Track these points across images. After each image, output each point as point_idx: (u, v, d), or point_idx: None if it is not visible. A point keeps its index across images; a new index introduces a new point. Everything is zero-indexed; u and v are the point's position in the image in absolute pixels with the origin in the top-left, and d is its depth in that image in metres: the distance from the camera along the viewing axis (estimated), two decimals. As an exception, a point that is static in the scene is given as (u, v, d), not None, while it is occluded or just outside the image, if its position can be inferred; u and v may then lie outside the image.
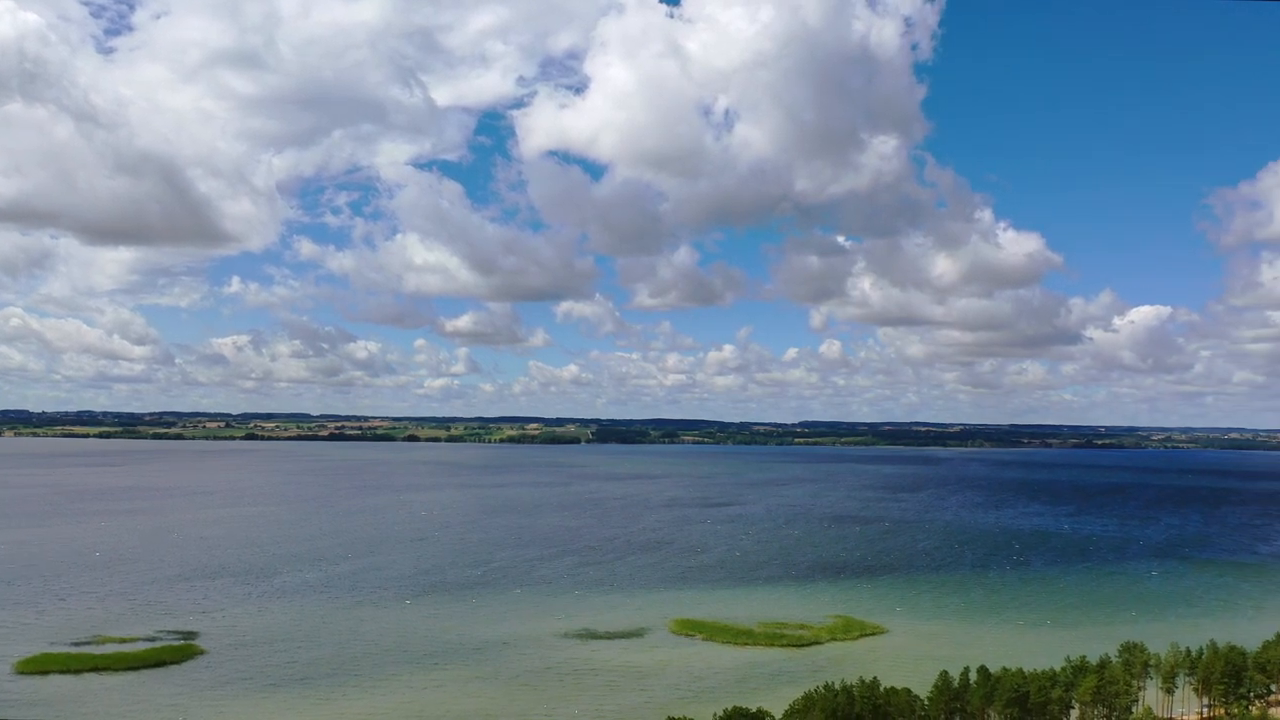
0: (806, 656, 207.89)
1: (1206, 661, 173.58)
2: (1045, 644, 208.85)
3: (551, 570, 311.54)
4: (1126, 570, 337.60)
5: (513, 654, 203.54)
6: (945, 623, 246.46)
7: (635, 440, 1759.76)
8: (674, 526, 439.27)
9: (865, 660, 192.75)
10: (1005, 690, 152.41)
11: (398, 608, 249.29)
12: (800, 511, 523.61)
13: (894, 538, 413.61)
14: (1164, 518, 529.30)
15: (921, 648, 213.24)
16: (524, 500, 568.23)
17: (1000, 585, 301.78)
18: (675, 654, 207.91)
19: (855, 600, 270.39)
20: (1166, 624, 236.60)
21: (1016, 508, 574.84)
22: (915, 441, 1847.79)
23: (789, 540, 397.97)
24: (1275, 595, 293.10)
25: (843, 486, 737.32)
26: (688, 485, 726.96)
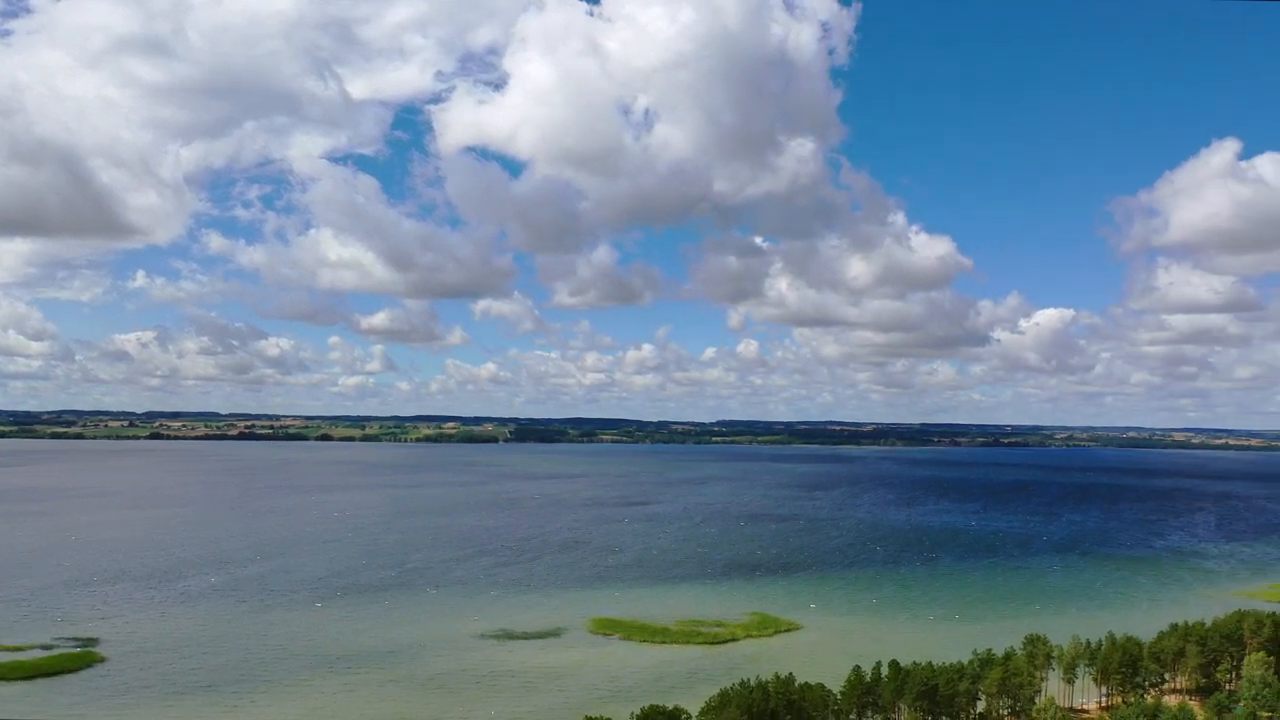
0: (723, 654, 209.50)
1: (1105, 652, 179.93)
2: (954, 637, 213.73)
3: (467, 571, 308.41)
4: (1031, 565, 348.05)
5: (428, 656, 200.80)
6: (858, 618, 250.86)
7: (553, 439, 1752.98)
8: (591, 526, 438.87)
9: (780, 657, 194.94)
10: (915, 683, 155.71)
11: (308, 611, 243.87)
12: (717, 510, 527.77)
13: (809, 535, 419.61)
14: (1066, 514, 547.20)
15: (835, 643, 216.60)
16: (440, 500, 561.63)
17: (911, 581, 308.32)
18: (592, 653, 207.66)
19: (771, 597, 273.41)
20: (1068, 617, 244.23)
21: (927, 505, 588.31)
22: (830, 440, 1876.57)
23: (706, 539, 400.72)
24: (1169, 588, 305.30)
25: (759, 485, 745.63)
26: (605, 484, 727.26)
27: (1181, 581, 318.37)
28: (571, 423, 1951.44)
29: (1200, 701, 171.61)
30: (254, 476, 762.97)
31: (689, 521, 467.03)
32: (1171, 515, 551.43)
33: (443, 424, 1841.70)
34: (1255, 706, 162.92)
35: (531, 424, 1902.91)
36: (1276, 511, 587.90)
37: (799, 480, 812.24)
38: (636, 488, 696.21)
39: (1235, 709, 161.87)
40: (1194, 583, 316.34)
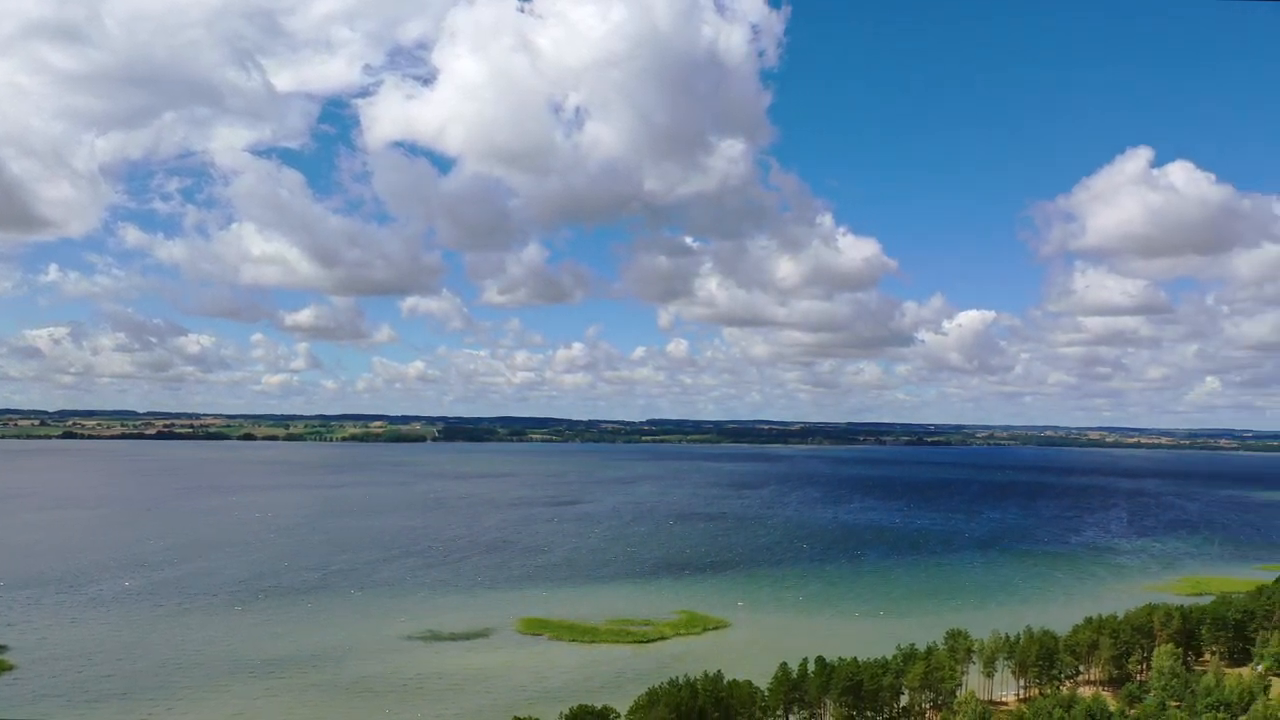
0: (652, 652, 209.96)
1: (1023, 646, 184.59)
2: (878, 633, 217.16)
3: (393, 572, 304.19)
4: (953, 561, 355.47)
5: (352, 659, 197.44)
6: (785, 615, 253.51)
7: (482, 438, 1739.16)
8: (520, 525, 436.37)
9: (709, 654, 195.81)
10: (841, 679, 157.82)
11: (228, 614, 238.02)
12: (646, 509, 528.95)
13: (737, 534, 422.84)
14: (987, 511, 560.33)
15: (763, 640, 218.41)
16: (366, 501, 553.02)
17: (837, 578, 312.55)
18: (521, 654, 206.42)
19: (699, 595, 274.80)
20: (988, 612, 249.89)
21: (853, 503, 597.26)
22: (758, 439, 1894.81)
23: (635, 538, 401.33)
24: (1084, 582, 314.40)
25: (688, 484, 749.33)
26: (535, 484, 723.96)
27: (1096, 576, 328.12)
28: (501, 421, 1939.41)
29: (1113, 692, 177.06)
30: (172, 477, 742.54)
31: (618, 520, 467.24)
32: (1087, 512, 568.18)
33: (369, 423, 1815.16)
34: (1164, 696, 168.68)
35: (460, 423, 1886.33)
36: (1185, 508, 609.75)
37: (728, 479, 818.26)
38: (566, 487, 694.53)
39: (1145, 699, 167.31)
40: (1107, 577, 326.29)
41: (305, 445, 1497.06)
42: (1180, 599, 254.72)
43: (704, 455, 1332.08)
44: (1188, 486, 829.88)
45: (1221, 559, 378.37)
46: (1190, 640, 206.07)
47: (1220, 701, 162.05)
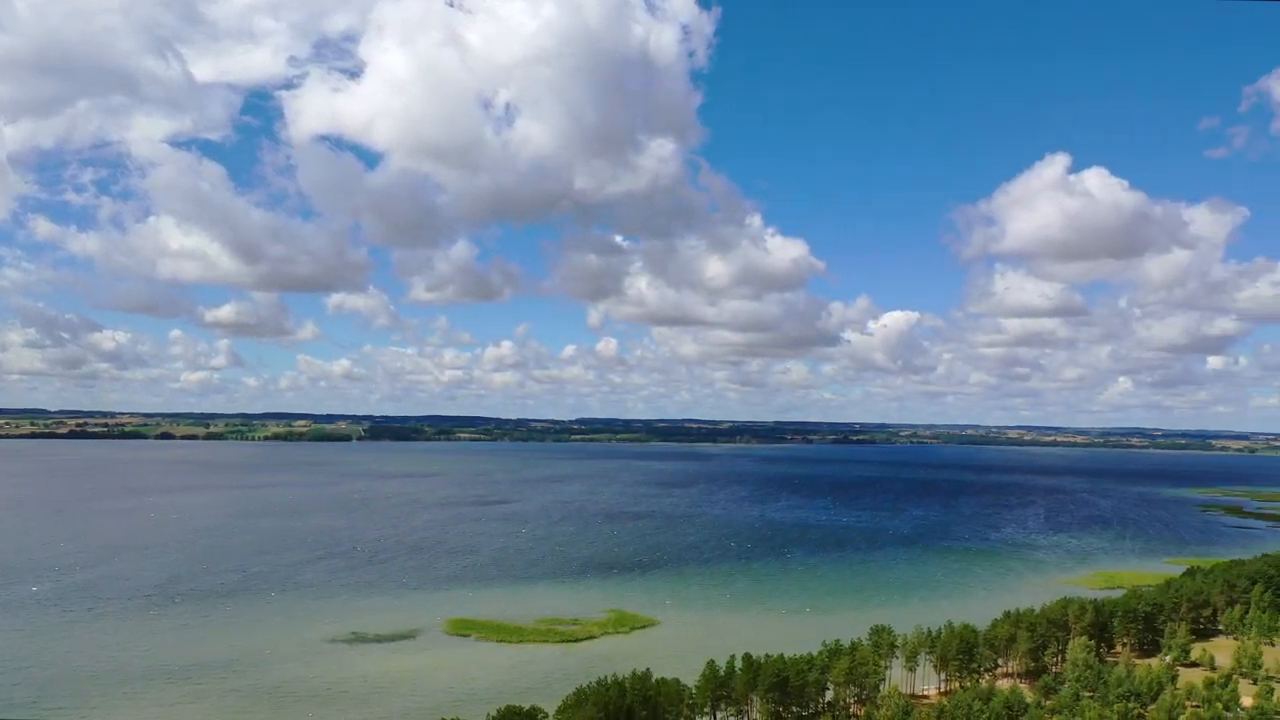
0: (580, 651, 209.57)
1: (944, 640, 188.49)
2: (805, 630, 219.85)
3: (316, 574, 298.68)
4: (877, 558, 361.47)
5: (274, 663, 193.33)
6: (713, 614, 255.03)
7: (410, 438, 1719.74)
8: (447, 525, 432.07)
9: (637, 653, 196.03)
10: (767, 676, 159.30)
11: (143, 619, 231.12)
12: (575, 508, 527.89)
13: (665, 533, 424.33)
14: (910, 509, 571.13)
15: (691, 638, 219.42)
16: (288, 501, 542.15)
17: (764, 576, 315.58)
18: (448, 655, 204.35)
19: (628, 595, 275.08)
20: (911, 607, 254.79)
21: (780, 501, 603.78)
22: (688, 438, 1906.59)
23: (563, 537, 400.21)
24: (1003, 578, 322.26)
25: (617, 483, 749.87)
26: (462, 483, 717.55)
27: (1014, 571, 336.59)
28: (428, 420, 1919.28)
29: (1030, 684, 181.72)
30: (85, 477, 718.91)
31: (546, 520, 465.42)
32: (1005, 509, 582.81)
33: (293, 422, 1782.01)
34: (1078, 688, 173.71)
35: (387, 422, 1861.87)
36: (1099, 505, 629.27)
37: (657, 478, 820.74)
38: (494, 486, 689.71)
39: (1061, 691, 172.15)
40: (1025, 572, 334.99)
41: (226, 445, 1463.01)
42: (1094, 593, 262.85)
43: (633, 454, 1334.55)
44: (1101, 484, 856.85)
45: (1133, 554, 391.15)
46: (1103, 633, 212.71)
47: (1131, 691, 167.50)
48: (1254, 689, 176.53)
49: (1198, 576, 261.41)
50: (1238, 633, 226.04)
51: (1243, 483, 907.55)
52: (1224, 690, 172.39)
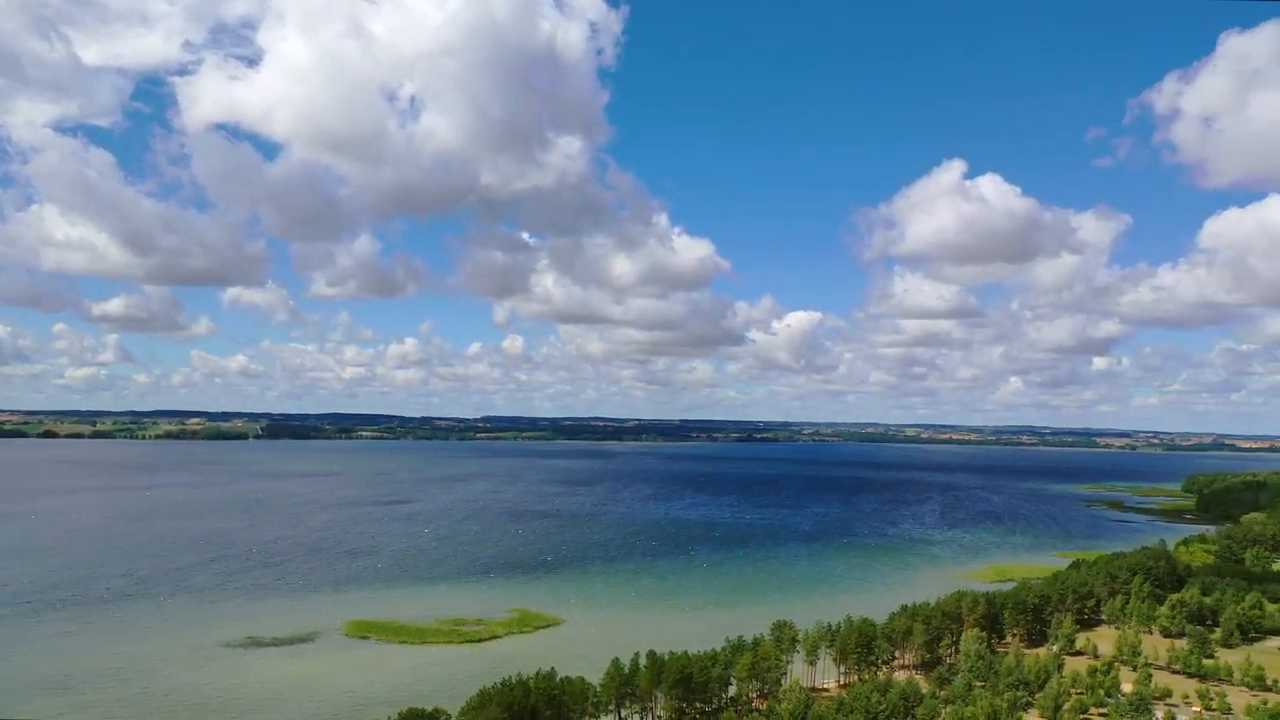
0: (484, 651, 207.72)
1: (844, 634, 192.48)
2: (708, 626, 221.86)
3: (209, 577, 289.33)
4: (780, 555, 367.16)
5: (165, 670, 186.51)
6: (618, 612, 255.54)
7: (309, 436, 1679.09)
8: (347, 526, 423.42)
9: (542, 652, 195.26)
10: (671, 672, 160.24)
11: (23, 626, 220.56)
12: (480, 507, 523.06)
13: (570, 531, 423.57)
14: (812, 506, 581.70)
15: (596, 636, 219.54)
16: (180, 502, 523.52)
17: (669, 573, 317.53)
18: (347, 657, 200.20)
19: (533, 594, 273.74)
20: (812, 602, 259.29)
21: (685, 499, 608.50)
22: (594, 436, 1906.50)
23: (467, 536, 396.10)
24: (901, 572, 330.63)
25: (523, 482, 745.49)
26: (363, 483, 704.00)
27: (911, 566, 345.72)
28: (329, 418, 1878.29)
29: (925, 675, 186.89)
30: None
31: (450, 519, 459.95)
32: (904, 505, 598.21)
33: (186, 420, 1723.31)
34: (970, 678, 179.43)
35: (286, 420, 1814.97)
36: (991, 500, 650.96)
37: (562, 476, 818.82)
38: (396, 486, 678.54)
39: (954, 681, 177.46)
40: (922, 567, 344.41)
41: (114, 443, 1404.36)
42: (986, 586, 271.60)
43: (539, 453, 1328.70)
44: (993, 480, 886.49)
45: (1023, 548, 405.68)
46: (994, 624, 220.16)
47: (1020, 680, 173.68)
48: (1133, 675, 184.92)
49: (1082, 569, 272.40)
50: (1119, 622, 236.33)
51: (1124, 479, 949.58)
52: (1106, 677, 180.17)
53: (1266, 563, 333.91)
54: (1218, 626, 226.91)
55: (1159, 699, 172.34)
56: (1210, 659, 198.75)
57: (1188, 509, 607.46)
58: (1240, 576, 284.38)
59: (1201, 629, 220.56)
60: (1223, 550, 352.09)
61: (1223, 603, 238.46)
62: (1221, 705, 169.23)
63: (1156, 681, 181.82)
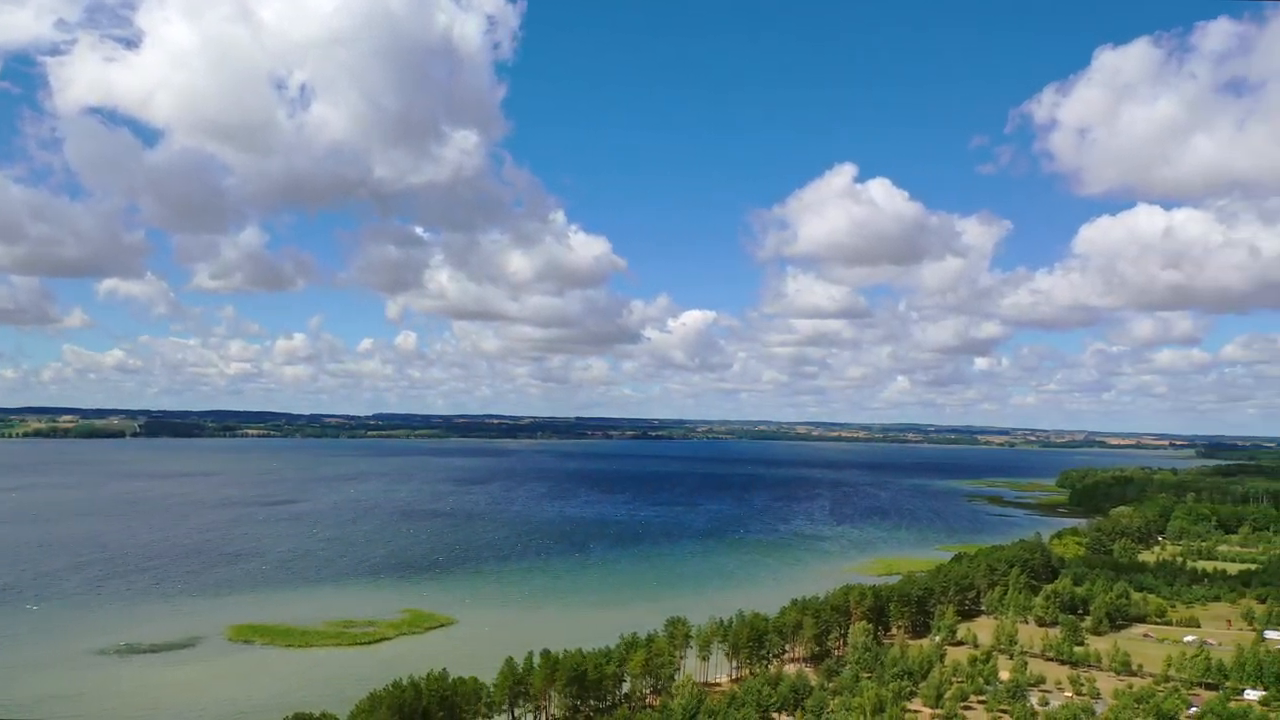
0: (374, 654, 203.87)
1: (736, 629, 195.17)
2: (603, 624, 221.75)
3: (82, 582, 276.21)
4: (674, 552, 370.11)
5: (33, 680, 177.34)
6: (511, 610, 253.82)
7: (191, 434, 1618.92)
8: (230, 527, 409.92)
9: (434, 653, 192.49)
10: (565, 670, 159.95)
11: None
12: (370, 507, 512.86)
13: (463, 530, 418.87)
14: (705, 503, 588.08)
15: (489, 636, 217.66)
16: (48, 504, 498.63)
17: (563, 571, 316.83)
18: (230, 663, 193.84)
19: (424, 594, 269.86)
20: (705, 598, 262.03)
21: (579, 497, 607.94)
22: (488, 434, 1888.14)
23: (357, 537, 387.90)
24: (792, 568, 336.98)
25: (415, 480, 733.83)
26: (248, 482, 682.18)
27: (802, 561, 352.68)
28: (212, 415, 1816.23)
29: (814, 668, 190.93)
30: None
31: (339, 520, 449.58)
32: (795, 502, 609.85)
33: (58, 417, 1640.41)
34: (858, 669, 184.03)
35: (166, 417, 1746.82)
36: (878, 496, 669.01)
37: (456, 475, 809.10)
38: (282, 485, 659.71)
39: (842, 673, 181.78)
40: (812, 562, 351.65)
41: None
42: (873, 580, 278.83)
43: (432, 451, 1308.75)
44: (881, 477, 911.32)
45: (908, 542, 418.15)
46: (880, 616, 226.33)
47: (905, 671, 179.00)
48: (1010, 664, 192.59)
49: (964, 562, 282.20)
50: (998, 612, 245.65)
51: (1003, 475, 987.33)
52: (985, 666, 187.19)
53: (1133, 554, 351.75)
54: (1088, 615, 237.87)
55: (1034, 686, 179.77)
56: (1081, 646, 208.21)
57: (1062, 503, 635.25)
58: (1109, 567, 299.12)
59: (1073, 618, 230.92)
60: (1093, 542, 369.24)
61: (1093, 592, 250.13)
62: (1091, 690, 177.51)
63: (1032, 669, 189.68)
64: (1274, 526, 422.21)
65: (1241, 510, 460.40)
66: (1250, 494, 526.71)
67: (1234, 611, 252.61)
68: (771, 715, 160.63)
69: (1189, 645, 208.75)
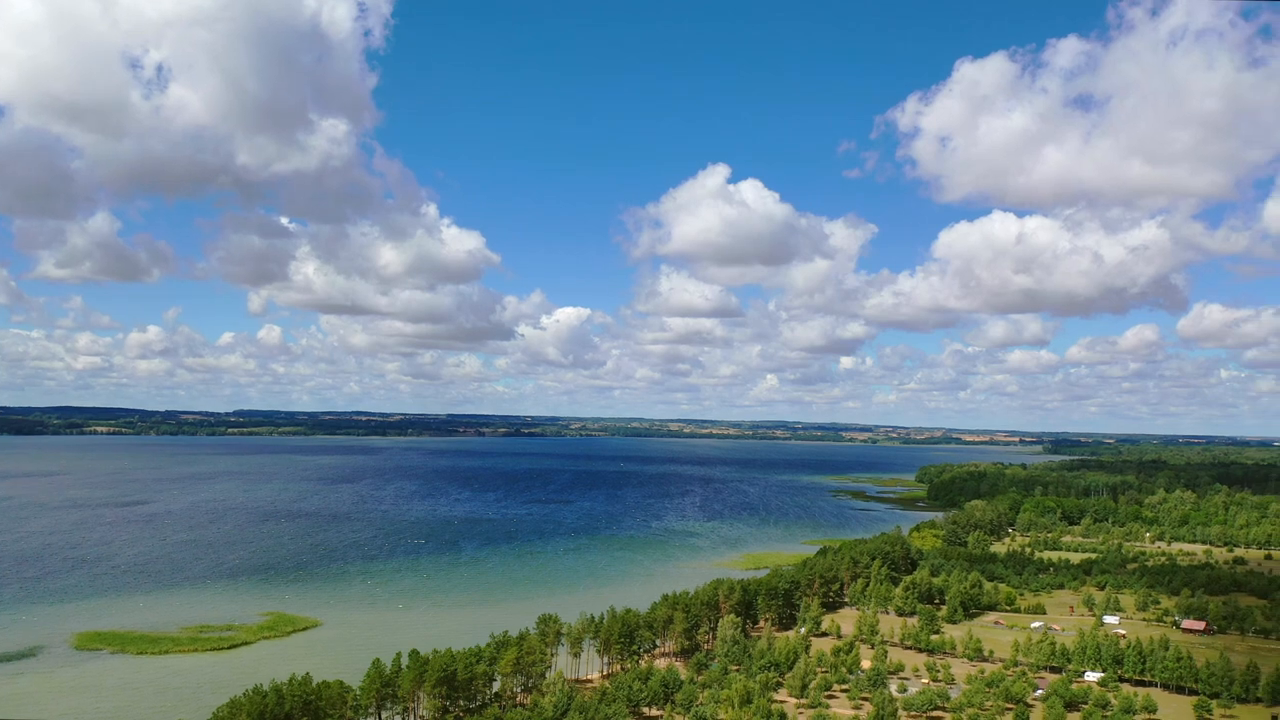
0: (234, 659, 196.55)
1: (607, 626, 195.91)
2: (473, 623, 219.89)
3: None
4: (546, 549, 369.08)
5: None
6: (379, 611, 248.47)
7: (33, 431, 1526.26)
8: (76, 530, 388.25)
9: (298, 656, 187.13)
10: (435, 671, 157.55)
11: None
12: (229, 507, 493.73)
13: (329, 530, 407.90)
14: (579, 500, 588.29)
15: (356, 638, 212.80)
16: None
17: (432, 570, 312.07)
18: (78, 672, 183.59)
19: (288, 596, 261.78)
20: (577, 596, 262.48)
21: (450, 495, 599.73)
22: (357, 431, 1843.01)
23: (215, 538, 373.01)
24: (663, 564, 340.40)
25: (278, 479, 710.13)
26: (96, 483, 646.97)
27: (674, 557, 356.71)
28: (56, 411, 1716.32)
29: (685, 662, 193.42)
30: None
31: (195, 521, 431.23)
32: (667, 498, 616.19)
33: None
34: (726, 662, 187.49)
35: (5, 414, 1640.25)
36: (748, 492, 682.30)
37: (322, 473, 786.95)
38: (134, 485, 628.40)
39: (711, 666, 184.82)
40: (683, 557, 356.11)
41: None
42: (742, 574, 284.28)
43: (296, 448, 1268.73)
44: (750, 473, 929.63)
45: (776, 537, 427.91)
46: (749, 610, 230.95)
47: (771, 662, 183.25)
48: (872, 652, 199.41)
49: (829, 555, 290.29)
50: (860, 604, 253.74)
51: (867, 470, 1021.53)
52: (847, 656, 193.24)
53: (986, 545, 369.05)
54: (944, 605, 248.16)
55: (893, 673, 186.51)
56: (937, 634, 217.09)
57: (921, 497, 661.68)
58: (964, 559, 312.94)
59: (930, 607, 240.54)
60: (949, 535, 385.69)
61: (949, 583, 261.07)
62: (946, 676, 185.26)
63: (891, 657, 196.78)
64: (1112, 518, 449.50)
65: (1083, 503, 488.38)
66: (1091, 488, 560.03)
67: (1076, 598, 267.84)
68: (642, 710, 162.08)
69: (1035, 631, 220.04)
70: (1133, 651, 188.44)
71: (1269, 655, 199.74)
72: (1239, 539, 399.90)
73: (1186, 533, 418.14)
